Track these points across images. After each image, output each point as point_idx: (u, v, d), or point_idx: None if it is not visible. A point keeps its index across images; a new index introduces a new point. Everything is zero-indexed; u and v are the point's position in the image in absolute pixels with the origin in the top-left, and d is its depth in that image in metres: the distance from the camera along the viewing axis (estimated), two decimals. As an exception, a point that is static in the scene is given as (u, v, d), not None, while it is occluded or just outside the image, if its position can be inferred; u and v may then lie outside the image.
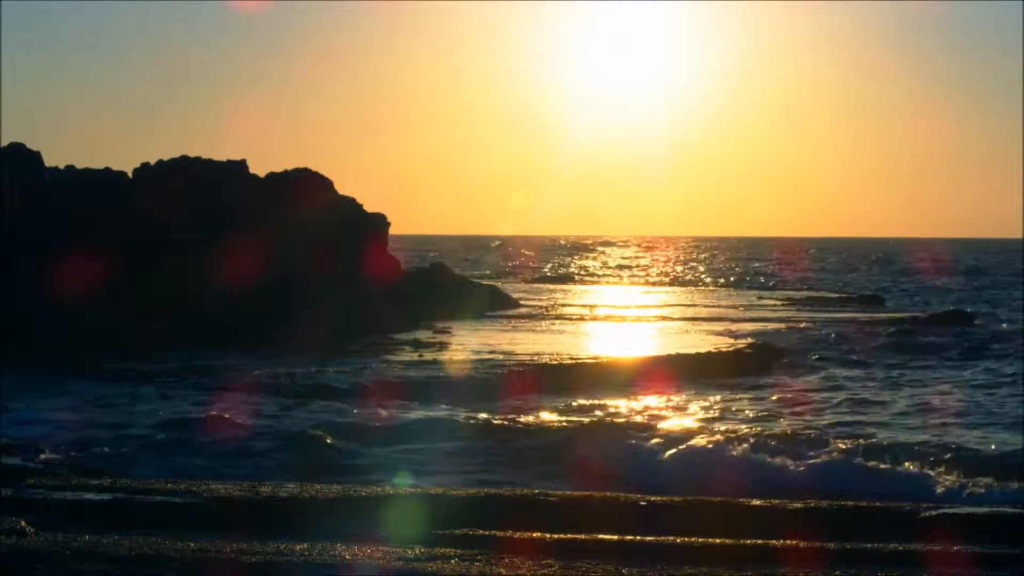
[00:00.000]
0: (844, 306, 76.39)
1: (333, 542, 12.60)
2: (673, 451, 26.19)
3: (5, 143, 51.69)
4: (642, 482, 22.30)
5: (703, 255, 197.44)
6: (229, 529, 13.22)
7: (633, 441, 27.22)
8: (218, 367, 39.89)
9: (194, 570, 11.35)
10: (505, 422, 29.19)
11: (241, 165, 54.83)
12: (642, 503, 14.75)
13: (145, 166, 53.75)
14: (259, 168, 56.96)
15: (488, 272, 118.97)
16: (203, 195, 51.58)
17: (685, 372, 40.33)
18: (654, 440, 27.22)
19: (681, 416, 31.87)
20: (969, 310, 69.52)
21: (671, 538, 12.88)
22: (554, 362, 41.48)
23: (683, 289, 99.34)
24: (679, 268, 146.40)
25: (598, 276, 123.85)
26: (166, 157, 54.12)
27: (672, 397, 35.14)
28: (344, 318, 49.34)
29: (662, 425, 29.60)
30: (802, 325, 59.43)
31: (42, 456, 22.59)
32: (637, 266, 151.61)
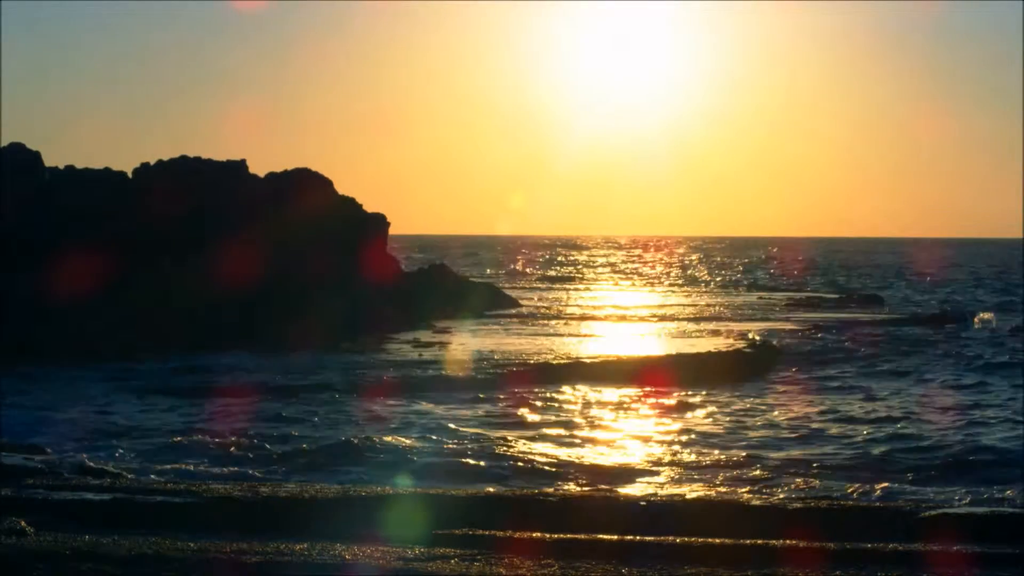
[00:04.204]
0: (844, 306, 76.39)
1: (333, 542, 12.59)
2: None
3: (5, 143, 51.75)
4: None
5: (703, 255, 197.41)
6: (229, 529, 13.21)
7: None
8: (218, 366, 39.90)
9: (194, 570, 11.35)
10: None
11: (241, 165, 54.85)
12: (642, 503, 14.74)
13: (145, 166, 53.77)
14: (259, 168, 57.09)
15: (488, 271, 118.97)
16: (203, 195, 51.59)
17: (683, 373, 40.27)
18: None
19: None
20: (968, 309, 69.54)
21: (671, 538, 12.86)
22: (555, 362, 41.49)
23: (683, 289, 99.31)
24: (679, 268, 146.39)
25: (598, 276, 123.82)
26: (166, 157, 54.22)
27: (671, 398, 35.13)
28: (344, 318, 49.33)
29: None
30: (802, 325, 59.43)
31: (42, 456, 22.58)
32: (637, 266, 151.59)
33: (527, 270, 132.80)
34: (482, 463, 24.96)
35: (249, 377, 37.56)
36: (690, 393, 35.67)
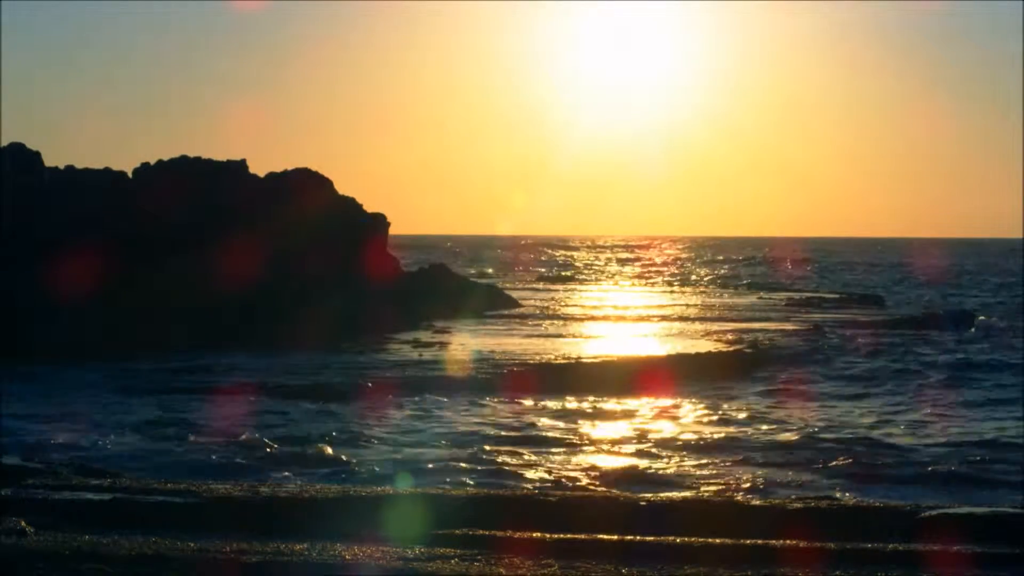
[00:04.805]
0: (844, 306, 76.39)
1: (333, 542, 12.59)
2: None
3: (5, 143, 51.76)
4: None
5: (703, 255, 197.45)
6: (229, 529, 13.20)
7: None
8: (218, 366, 39.91)
9: (194, 570, 11.36)
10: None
11: (241, 165, 54.87)
12: (642, 503, 14.72)
13: (145, 166, 53.79)
14: (259, 168, 57.04)
15: (488, 271, 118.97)
16: (203, 195, 51.61)
17: (684, 373, 40.29)
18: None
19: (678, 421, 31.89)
20: (968, 310, 69.56)
21: (671, 538, 12.85)
22: (555, 362, 41.50)
23: (682, 289, 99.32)
24: (679, 268, 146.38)
25: (598, 276, 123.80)
26: (166, 157, 54.22)
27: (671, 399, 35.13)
28: (344, 318, 49.35)
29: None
30: (801, 325, 59.46)
31: (42, 456, 22.59)
32: (637, 266, 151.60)
33: (528, 270, 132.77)
34: (482, 463, 24.96)
35: (249, 377, 37.57)
36: (690, 393, 35.68)
